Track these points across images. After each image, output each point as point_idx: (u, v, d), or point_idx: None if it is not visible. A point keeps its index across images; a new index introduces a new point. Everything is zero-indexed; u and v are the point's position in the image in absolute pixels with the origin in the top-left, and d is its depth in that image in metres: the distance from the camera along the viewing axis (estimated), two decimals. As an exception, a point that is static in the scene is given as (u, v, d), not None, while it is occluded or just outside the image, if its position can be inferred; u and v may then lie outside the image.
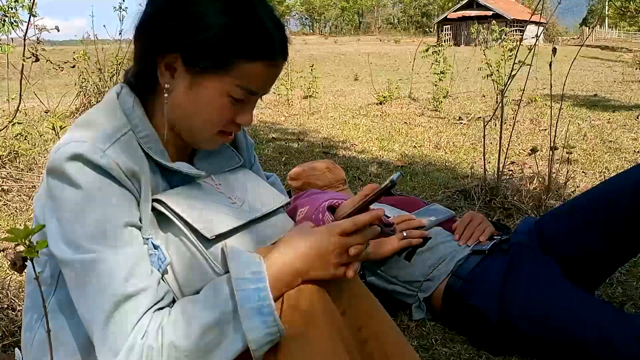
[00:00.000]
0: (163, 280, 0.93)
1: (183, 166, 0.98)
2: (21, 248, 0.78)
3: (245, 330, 0.82)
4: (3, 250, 2.23)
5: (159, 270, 0.92)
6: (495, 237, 1.70)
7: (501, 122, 2.96)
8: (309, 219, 1.13)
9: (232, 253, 0.88)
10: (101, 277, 0.84)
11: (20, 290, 1.87)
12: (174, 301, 0.93)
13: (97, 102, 2.80)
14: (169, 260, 0.93)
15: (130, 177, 0.88)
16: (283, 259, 0.90)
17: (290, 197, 1.24)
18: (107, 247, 0.84)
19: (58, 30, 3.09)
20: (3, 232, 2.48)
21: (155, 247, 0.92)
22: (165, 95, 0.94)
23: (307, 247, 0.91)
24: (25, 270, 0.90)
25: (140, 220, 0.91)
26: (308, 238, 0.92)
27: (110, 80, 5.39)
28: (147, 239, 0.92)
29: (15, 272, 1.92)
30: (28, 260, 0.82)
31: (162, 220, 0.95)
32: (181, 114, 0.95)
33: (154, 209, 0.95)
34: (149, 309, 0.85)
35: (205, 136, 0.98)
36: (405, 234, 1.67)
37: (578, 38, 41.31)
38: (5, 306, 1.76)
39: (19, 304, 1.77)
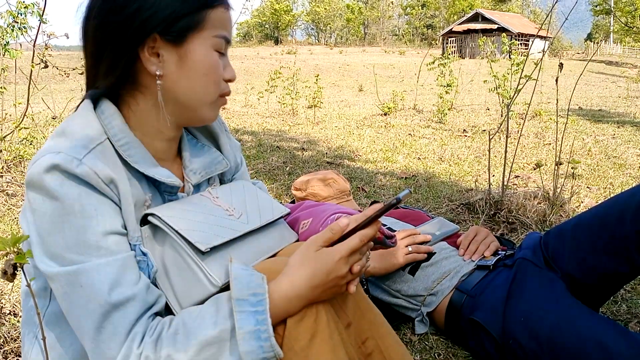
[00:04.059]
0: (155, 285, 0.93)
1: (161, 173, 0.96)
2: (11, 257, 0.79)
3: (241, 353, 0.82)
4: (6, 255, 2.23)
5: (148, 277, 0.91)
6: (499, 252, 1.70)
7: (506, 135, 2.95)
8: (315, 232, 1.13)
9: (236, 271, 0.87)
10: (86, 288, 0.83)
11: (23, 295, 1.87)
12: (168, 309, 0.93)
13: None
14: (156, 268, 0.93)
15: (108, 184, 0.87)
16: (290, 286, 0.88)
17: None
18: (90, 257, 0.84)
19: (68, 37, 3.11)
20: (7, 237, 2.48)
21: (144, 253, 0.92)
22: (159, 82, 0.93)
23: (315, 274, 0.89)
24: (20, 285, 0.90)
25: (125, 227, 0.91)
26: (315, 265, 0.89)
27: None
28: (135, 245, 0.92)
29: (17, 279, 1.92)
30: (19, 268, 0.82)
31: (159, 233, 0.95)
32: (181, 91, 0.94)
33: (150, 222, 0.95)
34: (140, 317, 0.85)
35: (210, 100, 0.97)
36: (410, 249, 1.67)
37: (583, 53, 41.40)
38: (7, 312, 1.76)
39: (21, 310, 1.77)
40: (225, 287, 0.93)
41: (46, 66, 2.80)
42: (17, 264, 0.80)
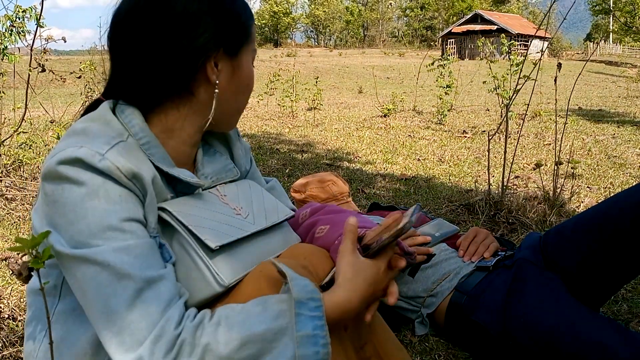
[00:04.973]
0: None
1: (184, 173, 0.97)
2: (26, 258, 0.77)
3: (297, 357, 0.80)
4: (5, 260, 2.23)
5: None
6: (499, 252, 1.69)
7: (506, 136, 2.95)
8: (330, 241, 1.12)
9: (290, 272, 0.85)
10: (115, 267, 0.81)
11: (22, 300, 1.86)
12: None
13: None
14: (174, 258, 0.92)
15: (130, 179, 0.86)
16: (345, 297, 0.89)
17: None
18: (116, 239, 0.82)
19: (65, 41, 3.11)
20: (6, 241, 2.48)
21: (161, 245, 0.91)
22: (217, 91, 0.97)
23: (368, 285, 0.91)
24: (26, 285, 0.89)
25: (146, 219, 0.90)
26: (368, 275, 0.91)
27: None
28: (154, 237, 0.91)
29: (18, 282, 1.92)
30: (34, 271, 0.81)
31: (167, 229, 0.94)
32: (227, 100, 0.99)
33: (159, 217, 0.94)
34: (172, 299, 0.83)
35: (244, 109, 1.07)
36: (410, 250, 1.66)
37: (582, 53, 41.43)
38: (6, 316, 1.75)
39: (20, 314, 1.76)
40: (230, 288, 0.92)
41: (43, 70, 2.80)
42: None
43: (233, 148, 1.15)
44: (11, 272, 2.07)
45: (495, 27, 39.23)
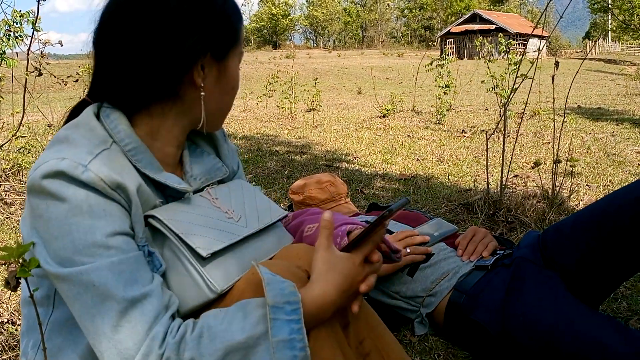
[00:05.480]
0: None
1: (172, 179, 0.96)
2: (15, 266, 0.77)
3: None
4: (5, 264, 2.23)
5: None
6: (498, 251, 1.69)
7: (504, 135, 2.95)
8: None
9: (267, 276, 0.85)
10: (100, 287, 0.81)
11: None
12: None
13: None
14: (164, 266, 0.91)
15: (115, 189, 0.86)
16: (321, 292, 0.88)
17: (291, 210, 1.24)
18: (101, 256, 0.82)
19: (61, 45, 3.12)
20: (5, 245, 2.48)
21: (151, 253, 0.91)
22: (203, 94, 0.96)
23: (344, 279, 0.90)
24: (21, 292, 0.88)
25: (133, 229, 0.89)
26: (343, 270, 0.91)
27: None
28: (143, 246, 0.90)
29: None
30: (22, 279, 0.81)
31: (158, 236, 0.94)
32: (212, 102, 0.99)
33: (149, 225, 0.93)
34: (158, 315, 0.83)
35: (230, 111, 1.07)
36: (408, 250, 1.66)
37: (581, 51, 41.44)
38: (5, 320, 1.75)
39: (19, 318, 1.76)
40: (223, 293, 0.92)
41: (40, 74, 2.80)
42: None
43: (219, 147, 1.14)
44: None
45: (493, 27, 39.25)
